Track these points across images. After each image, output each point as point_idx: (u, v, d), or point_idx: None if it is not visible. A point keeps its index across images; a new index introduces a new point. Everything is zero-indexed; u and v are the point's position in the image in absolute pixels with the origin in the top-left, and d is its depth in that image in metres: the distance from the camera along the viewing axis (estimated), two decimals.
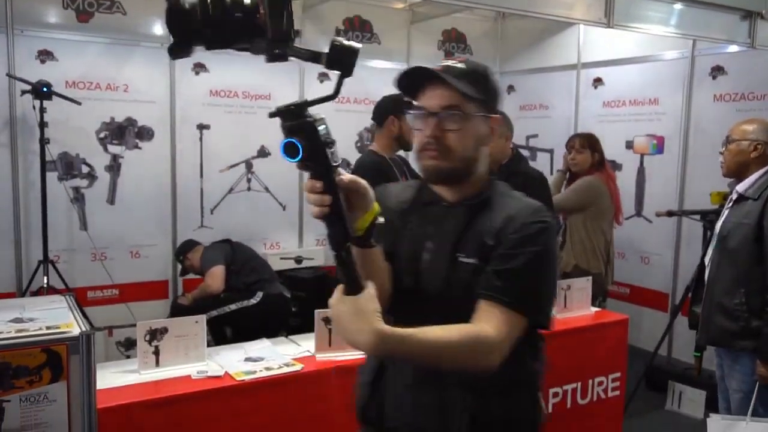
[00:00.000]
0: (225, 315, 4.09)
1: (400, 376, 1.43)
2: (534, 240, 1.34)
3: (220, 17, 1.03)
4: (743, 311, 2.54)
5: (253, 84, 4.92)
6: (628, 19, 3.19)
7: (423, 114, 1.39)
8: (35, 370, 1.61)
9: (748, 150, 2.61)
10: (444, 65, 1.40)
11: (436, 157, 1.38)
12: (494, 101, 1.45)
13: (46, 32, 4.19)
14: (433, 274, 1.40)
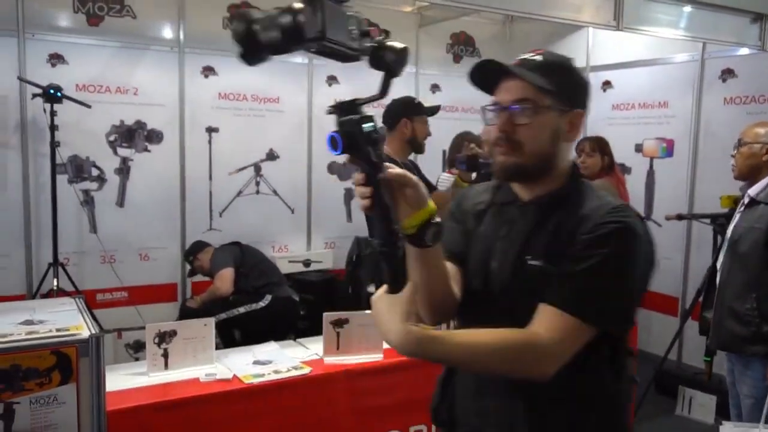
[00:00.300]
0: (234, 318, 4.10)
1: (465, 381, 1.40)
2: (606, 241, 1.23)
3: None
4: (755, 316, 2.52)
5: (261, 87, 4.94)
6: (637, 21, 3.18)
7: (496, 109, 1.32)
8: (45, 372, 1.61)
9: (760, 153, 2.59)
10: (521, 58, 1.34)
11: (506, 153, 1.31)
12: (575, 95, 1.36)
13: (56, 36, 4.22)
14: (500, 277, 1.33)
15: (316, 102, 5.15)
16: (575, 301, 1.21)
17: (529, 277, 1.28)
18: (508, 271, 1.31)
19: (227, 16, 4.75)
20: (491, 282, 1.34)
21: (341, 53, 1.10)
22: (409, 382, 2.58)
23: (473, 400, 1.37)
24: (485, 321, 1.24)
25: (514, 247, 1.32)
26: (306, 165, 5.19)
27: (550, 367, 1.20)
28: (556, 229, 1.29)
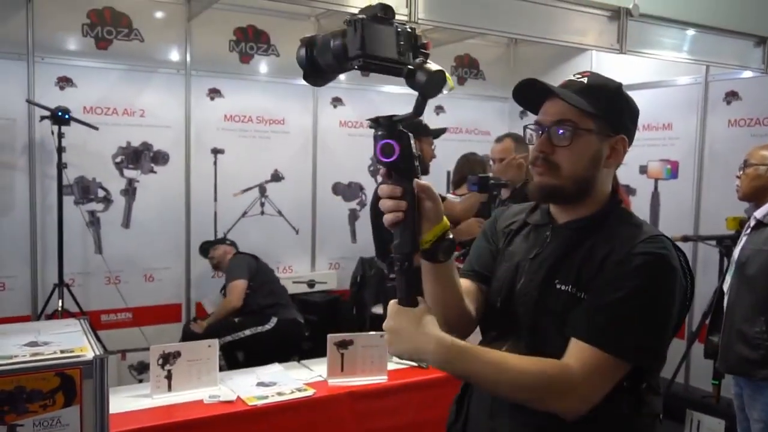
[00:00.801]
0: (238, 340, 4.10)
1: (480, 401, 1.37)
2: (639, 272, 1.19)
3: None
4: (764, 339, 2.49)
5: (267, 108, 4.97)
6: (640, 45, 3.20)
7: (536, 129, 1.32)
8: (49, 394, 1.61)
9: (766, 175, 2.60)
10: (567, 80, 1.34)
11: (543, 173, 1.29)
12: (620, 120, 1.33)
13: (65, 59, 4.27)
14: (526, 299, 1.30)
15: (321, 123, 5.18)
16: (608, 335, 1.18)
17: (556, 301, 1.25)
18: (536, 292, 1.29)
19: (233, 39, 4.81)
20: (516, 302, 1.32)
21: (390, 68, 1.13)
22: (413, 404, 2.57)
23: (487, 420, 1.34)
24: (506, 339, 1.26)
25: (543, 269, 1.30)
26: (311, 186, 5.20)
27: (577, 404, 1.17)
28: (588, 255, 1.26)
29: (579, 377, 1.17)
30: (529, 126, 1.35)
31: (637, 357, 1.21)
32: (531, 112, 1.36)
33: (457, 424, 1.42)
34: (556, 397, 1.17)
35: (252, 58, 4.89)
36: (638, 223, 1.32)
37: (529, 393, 1.19)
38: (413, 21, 2.52)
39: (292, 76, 5.05)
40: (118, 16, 4.40)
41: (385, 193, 1.16)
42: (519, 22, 2.90)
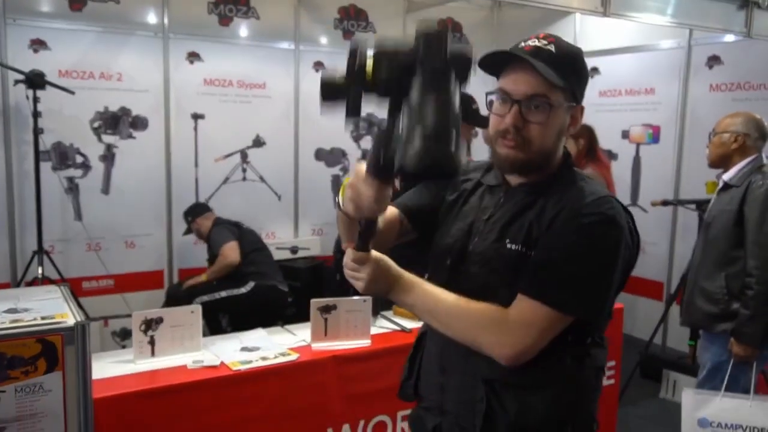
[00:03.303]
0: (217, 302, 4.09)
1: (431, 358, 1.44)
2: (583, 230, 1.23)
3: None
4: (723, 294, 2.64)
5: (247, 73, 4.90)
6: (624, 8, 3.18)
7: (506, 99, 1.28)
8: (30, 360, 1.60)
9: (729, 142, 2.72)
10: (533, 46, 1.28)
11: (514, 147, 1.28)
12: (581, 90, 1.34)
13: (38, 21, 4.15)
14: (479, 257, 1.34)
15: (303, 88, 5.11)
16: (548, 289, 1.22)
17: (507, 261, 1.29)
18: (488, 252, 1.33)
19: (212, 1, 4.70)
20: (468, 261, 1.36)
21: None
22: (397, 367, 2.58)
23: (437, 377, 1.41)
24: (457, 293, 1.29)
25: (495, 229, 1.33)
26: (293, 151, 5.16)
27: (507, 350, 1.23)
28: (538, 215, 1.29)
29: (513, 324, 1.23)
30: (493, 93, 1.30)
31: (577, 310, 1.24)
32: (491, 74, 1.33)
33: (410, 380, 1.50)
34: (488, 337, 1.25)
35: (231, 20, 4.79)
36: (588, 184, 1.33)
37: (468, 330, 1.27)
38: None
39: (272, 40, 4.97)
40: None
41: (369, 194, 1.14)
42: None
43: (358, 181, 1.14)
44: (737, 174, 2.68)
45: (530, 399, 1.29)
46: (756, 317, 2.53)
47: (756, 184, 2.58)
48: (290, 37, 5.04)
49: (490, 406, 1.30)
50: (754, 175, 2.62)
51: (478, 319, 1.25)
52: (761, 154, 2.71)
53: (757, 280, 2.52)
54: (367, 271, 1.24)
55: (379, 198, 1.13)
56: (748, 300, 2.54)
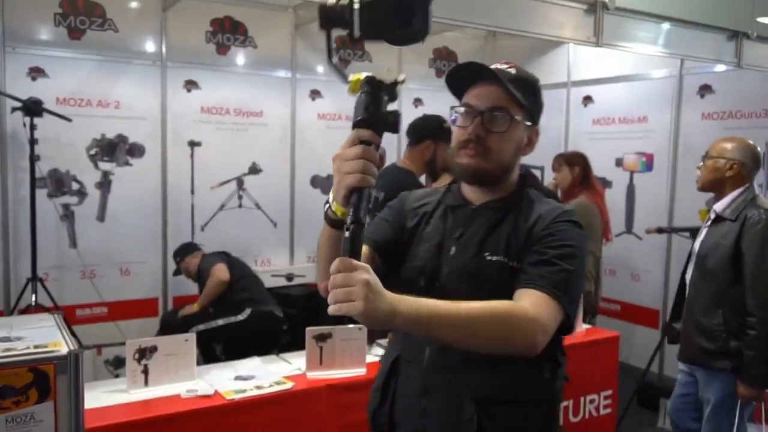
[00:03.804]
0: (213, 330, 4.06)
1: (409, 382, 1.43)
2: (565, 236, 1.34)
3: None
4: (721, 331, 2.58)
5: (244, 101, 4.93)
6: (616, 38, 3.22)
7: (470, 111, 1.37)
8: (22, 390, 1.59)
9: (724, 168, 2.64)
10: (496, 68, 1.39)
11: (474, 156, 1.37)
12: (538, 113, 1.44)
13: (37, 49, 4.19)
14: (459, 273, 1.38)
15: (299, 115, 5.15)
16: (553, 284, 1.28)
17: (488, 273, 1.35)
18: (468, 267, 1.37)
19: (210, 30, 4.75)
20: (446, 278, 1.39)
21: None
22: None
23: (417, 401, 1.40)
24: None
25: (472, 246, 1.39)
26: (289, 179, 5.18)
27: (539, 336, 1.23)
28: (513, 229, 1.37)
29: (534, 312, 1.24)
30: (457, 108, 1.39)
31: (567, 304, 1.29)
32: (454, 94, 1.43)
33: (383, 408, 1.47)
34: (520, 331, 1.22)
35: (229, 49, 4.85)
36: (549, 201, 1.45)
37: (494, 332, 1.21)
38: None
39: (269, 68, 5.01)
40: (92, 6, 4.32)
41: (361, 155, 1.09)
42: (497, 14, 2.91)
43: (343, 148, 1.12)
44: (730, 205, 2.61)
45: (520, 413, 1.35)
46: (760, 358, 2.48)
47: (753, 219, 2.51)
48: (287, 66, 5.09)
49: (480, 425, 1.32)
50: (749, 209, 2.55)
51: (502, 316, 1.22)
52: (753, 184, 2.66)
53: (758, 320, 2.47)
54: (362, 279, 1.05)
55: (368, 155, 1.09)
56: (751, 341, 2.48)
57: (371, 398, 1.52)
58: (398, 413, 1.45)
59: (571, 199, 4.08)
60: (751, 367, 2.49)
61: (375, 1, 1.10)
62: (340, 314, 1.07)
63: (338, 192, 1.12)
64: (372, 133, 1.10)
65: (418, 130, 3.09)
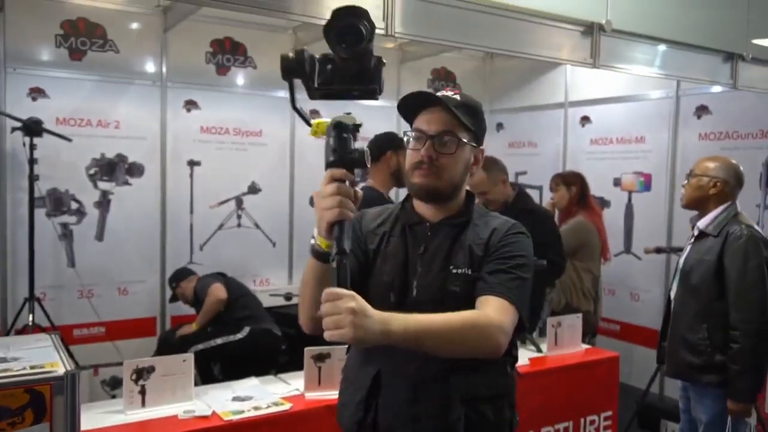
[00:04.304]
0: (211, 350, 4.04)
1: (397, 393, 1.52)
2: (517, 248, 1.51)
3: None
4: (706, 346, 2.61)
5: (244, 120, 4.96)
6: (613, 59, 3.25)
7: (421, 136, 1.51)
8: (18, 411, 1.58)
9: (707, 186, 2.70)
10: (443, 95, 1.51)
11: (428, 176, 1.50)
12: (482, 134, 1.59)
13: (38, 70, 4.22)
14: (429, 287, 1.51)
15: (299, 135, 5.17)
16: (509, 290, 1.45)
17: (456, 285, 1.49)
18: (437, 281, 1.51)
19: (210, 50, 4.79)
20: (417, 291, 1.52)
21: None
22: None
23: (408, 408, 1.51)
24: None
25: (438, 259, 1.53)
26: (288, 198, 5.19)
27: (503, 340, 1.41)
28: (472, 243, 1.53)
29: (497, 318, 1.40)
30: (408, 132, 1.54)
31: (522, 307, 1.47)
32: (405, 119, 1.57)
33: (367, 419, 1.54)
34: (487, 337, 1.39)
35: (229, 70, 4.88)
36: (495, 215, 1.62)
37: (472, 341, 1.37)
38: (390, 35, 2.53)
39: (269, 88, 5.04)
40: (93, 27, 4.36)
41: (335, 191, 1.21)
42: (494, 36, 2.93)
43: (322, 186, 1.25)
44: (713, 222, 2.67)
45: (497, 406, 1.54)
46: (744, 372, 2.51)
47: (734, 235, 2.57)
48: (286, 86, 5.10)
49: (470, 422, 1.49)
50: (731, 225, 2.61)
51: (469, 325, 1.37)
52: (736, 202, 2.71)
53: (741, 333, 2.51)
54: (347, 307, 1.15)
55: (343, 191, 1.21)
56: (736, 354, 2.52)
57: (350, 411, 1.57)
58: (385, 422, 1.53)
59: (569, 219, 4.09)
60: (736, 381, 2.53)
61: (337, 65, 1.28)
62: (334, 341, 1.18)
63: (320, 227, 1.25)
64: (344, 172, 1.23)
65: (377, 145, 3.21)
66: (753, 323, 2.51)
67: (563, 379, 3.01)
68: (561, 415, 2.99)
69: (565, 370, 3.03)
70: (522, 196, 3.57)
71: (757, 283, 2.52)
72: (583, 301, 3.98)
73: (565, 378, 3.02)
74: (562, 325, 3.18)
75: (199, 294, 4.19)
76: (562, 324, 3.18)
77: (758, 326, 2.51)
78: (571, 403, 3.04)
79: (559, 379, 2.99)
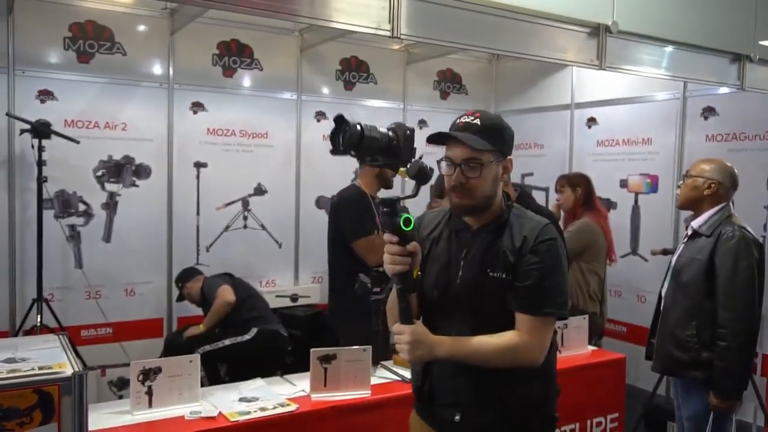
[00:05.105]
0: (218, 351, 4.05)
1: (444, 368, 1.80)
2: (549, 254, 1.72)
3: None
4: (694, 343, 2.66)
5: (250, 122, 4.97)
6: (619, 61, 3.24)
7: (450, 164, 1.75)
8: (26, 411, 1.59)
9: (702, 187, 2.75)
10: (464, 122, 1.74)
11: (462, 197, 1.74)
12: (507, 147, 1.78)
13: (46, 73, 4.24)
14: (466, 288, 1.75)
15: (305, 137, 5.19)
16: (541, 304, 1.71)
17: (492, 287, 1.73)
18: (475, 283, 1.75)
19: (216, 53, 4.81)
20: (457, 292, 1.77)
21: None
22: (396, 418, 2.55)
23: (450, 381, 1.80)
24: (452, 318, 1.76)
25: (476, 264, 1.76)
26: (294, 200, 5.20)
27: (538, 357, 1.72)
28: (507, 247, 1.75)
29: (531, 340, 1.70)
30: (442, 160, 1.77)
31: (561, 312, 1.74)
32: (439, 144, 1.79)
33: (424, 386, 1.85)
34: (522, 358, 1.71)
35: (235, 71, 4.90)
36: (530, 216, 1.82)
37: (503, 360, 1.70)
38: (396, 36, 2.54)
39: (275, 90, 5.06)
40: (100, 30, 4.39)
41: (396, 252, 1.63)
42: (501, 38, 2.93)
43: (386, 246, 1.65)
44: (706, 222, 2.72)
45: (531, 383, 1.77)
46: (730, 369, 2.56)
47: (726, 235, 2.62)
48: (293, 88, 5.14)
49: (501, 394, 1.74)
50: (723, 226, 2.65)
51: (506, 349, 1.69)
52: (730, 203, 2.76)
53: (729, 331, 2.55)
54: (407, 339, 1.66)
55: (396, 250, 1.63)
56: (723, 352, 2.56)
57: (414, 379, 1.91)
58: (436, 389, 1.83)
59: (575, 220, 4.08)
60: (722, 378, 2.57)
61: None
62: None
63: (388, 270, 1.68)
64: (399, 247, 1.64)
65: None
66: (741, 322, 2.56)
67: (570, 380, 2.99)
68: (568, 417, 2.98)
69: (572, 371, 3.02)
70: (524, 197, 3.56)
71: (747, 283, 2.58)
72: (589, 303, 3.98)
73: (572, 380, 3.00)
74: (568, 326, 3.18)
75: (207, 295, 4.20)
76: (568, 326, 3.18)
77: (746, 325, 2.57)
78: (578, 405, 3.03)
79: (566, 380, 2.95)
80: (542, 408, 1.82)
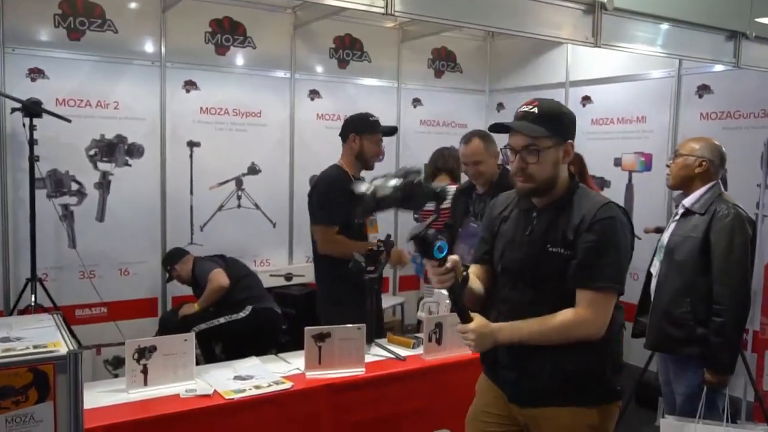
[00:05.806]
0: (213, 329, 4.07)
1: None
2: (604, 232, 1.83)
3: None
4: (689, 319, 2.70)
5: (243, 101, 4.94)
6: (614, 38, 3.23)
7: (512, 151, 1.90)
8: (21, 389, 1.59)
9: (693, 165, 2.79)
10: (523, 111, 1.88)
11: (524, 181, 1.90)
12: (567, 130, 1.91)
13: (37, 50, 4.19)
14: (530, 261, 1.91)
15: (298, 116, 5.16)
16: (596, 278, 1.83)
17: (552, 261, 1.87)
18: (536, 257, 1.89)
19: (209, 30, 4.76)
20: (518, 265, 1.94)
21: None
22: (391, 396, 2.58)
23: (509, 349, 1.93)
24: (515, 289, 1.94)
25: (538, 240, 1.91)
26: (288, 179, 5.19)
27: (596, 331, 1.84)
28: (566, 225, 1.87)
29: (588, 313, 1.83)
30: (505, 148, 1.91)
31: (617, 286, 1.87)
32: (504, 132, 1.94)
33: (489, 351, 1.97)
34: (580, 332, 1.83)
35: (228, 50, 4.85)
36: (593, 195, 1.94)
37: (560, 337, 1.84)
38: (389, 14, 2.52)
39: (268, 69, 5.02)
40: (91, 7, 4.33)
41: (439, 273, 1.79)
42: (495, 15, 2.91)
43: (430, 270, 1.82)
44: (699, 200, 2.75)
45: (584, 353, 1.85)
46: (726, 345, 2.61)
47: (722, 213, 2.65)
48: (286, 66, 5.10)
49: (553, 359, 1.85)
50: (717, 204, 2.69)
51: (562, 326, 1.83)
52: (719, 181, 2.80)
53: (725, 308, 2.60)
54: (472, 337, 1.84)
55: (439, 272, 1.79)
56: (718, 328, 2.61)
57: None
58: (500, 355, 1.98)
59: None
60: (717, 353, 2.62)
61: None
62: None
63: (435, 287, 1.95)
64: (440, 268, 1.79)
65: (344, 127, 3.36)
66: (736, 297, 2.61)
67: None
68: None
69: None
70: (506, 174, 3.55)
71: (742, 259, 2.63)
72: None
73: None
74: None
75: (199, 278, 4.20)
76: None
77: (740, 300, 2.62)
78: None
79: None
80: (600, 378, 1.90)
